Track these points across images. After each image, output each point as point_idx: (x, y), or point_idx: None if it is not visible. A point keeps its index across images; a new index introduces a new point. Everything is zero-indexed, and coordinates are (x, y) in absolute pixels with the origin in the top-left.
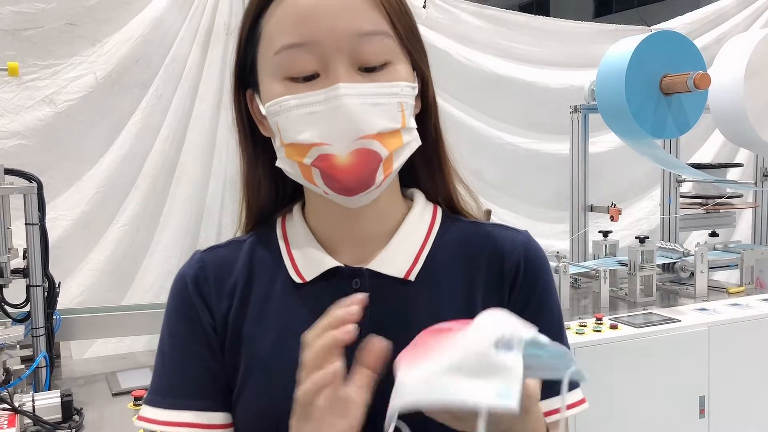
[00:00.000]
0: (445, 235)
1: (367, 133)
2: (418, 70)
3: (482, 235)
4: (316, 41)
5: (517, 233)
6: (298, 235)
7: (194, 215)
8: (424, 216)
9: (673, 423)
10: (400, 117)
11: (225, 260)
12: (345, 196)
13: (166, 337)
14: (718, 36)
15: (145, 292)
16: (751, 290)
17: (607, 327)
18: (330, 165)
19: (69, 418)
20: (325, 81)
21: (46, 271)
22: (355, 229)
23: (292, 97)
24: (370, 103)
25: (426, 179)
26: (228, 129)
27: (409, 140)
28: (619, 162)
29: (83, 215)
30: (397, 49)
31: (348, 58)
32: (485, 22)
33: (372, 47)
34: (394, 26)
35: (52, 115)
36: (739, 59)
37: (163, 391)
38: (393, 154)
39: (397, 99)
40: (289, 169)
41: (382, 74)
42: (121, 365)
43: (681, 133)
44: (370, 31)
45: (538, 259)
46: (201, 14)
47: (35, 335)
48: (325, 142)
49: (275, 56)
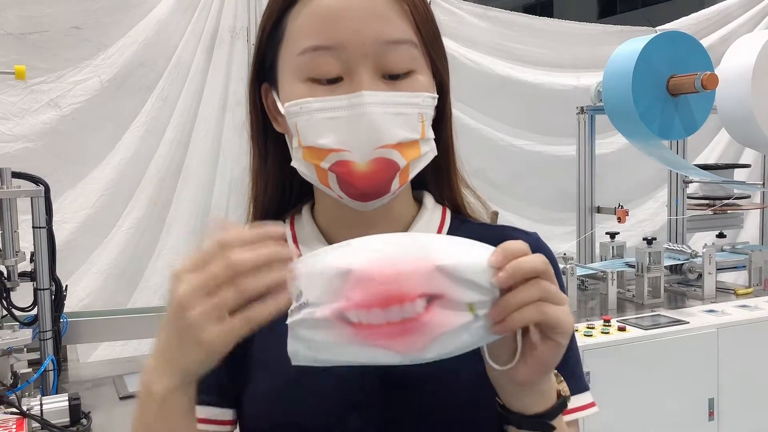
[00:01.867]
0: (455, 236)
1: (387, 142)
2: (437, 77)
3: (492, 236)
4: (342, 45)
5: (527, 235)
6: (307, 235)
7: (200, 218)
8: (433, 218)
9: (682, 425)
10: (420, 128)
11: None
12: (359, 202)
13: None
14: (723, 36)
15: (151, 295)
16: (759, 291)
17: (615, 329)
18: (348, 171)
19: (77, 421)
20: (348, 86)
21: (53, 274)
22: (365, 230)
23: (315, 100)
24: (392, 113)
25: (434, 183)
26: (233, 131)
27: (427, 150)
28: (623, 164)
29: (89, 218)
30: (421, 59)
31: (372, 65)
32: (489, 24)
33: (397, 56)
34: (420, 35)
35: (57, 118)
36: (747, 60)
37: None
38: (410, 164)
39: (418, 110)
40: (306, 171)
41: (404, 83)
42: (127, 368)
43: (688, 134)
44: (396, 40)
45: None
46: (206, 17)
47: (43, 338)
48: (345, 149)
49: (299, 57)
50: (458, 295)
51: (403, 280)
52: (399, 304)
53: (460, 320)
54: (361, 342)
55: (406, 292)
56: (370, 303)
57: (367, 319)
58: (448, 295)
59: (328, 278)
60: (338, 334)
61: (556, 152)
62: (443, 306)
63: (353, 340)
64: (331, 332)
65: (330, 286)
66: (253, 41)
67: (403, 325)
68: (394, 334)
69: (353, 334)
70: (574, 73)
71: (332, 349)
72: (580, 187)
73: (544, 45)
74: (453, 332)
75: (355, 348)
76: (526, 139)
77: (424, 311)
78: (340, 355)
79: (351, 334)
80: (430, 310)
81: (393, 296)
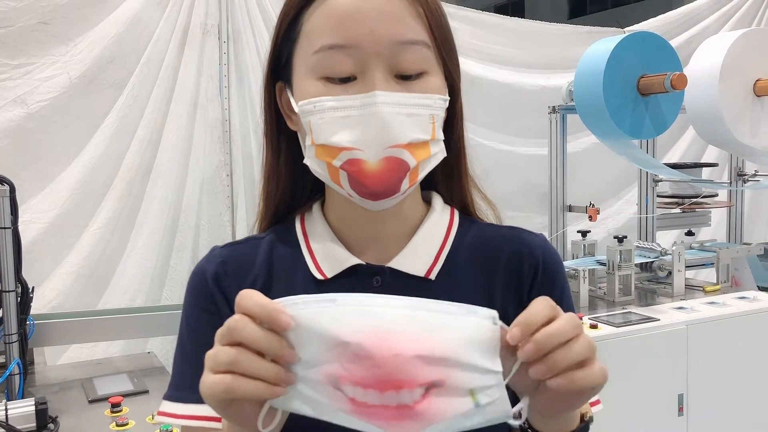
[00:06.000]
0: (464, 236)
1: (398, 142)
2: (449, 80)
3: (500, 237)
4: (357, 44)
5: (534, 236)
6: (318, 232)
7: (171, 217)
8: (442, 218)
9: (652, 421)
10: (431, 129)
11: (244, 256)
12: (369, 201)
13: (185, 331)
14: (689, 38)
15: (121, 296)
16: (726, 288)
17: (587, 327)
18: (358, 170)
19: (44, 426)
20: (361, 86)
21: (18, 275)
22: (375, 229)
23: (328, 99)
24: (404, 114)
25: (443, 184)
26: (204, 129)
27: (437, 152)
28: (589, 163)
29: (57, 218)
30: (434, 60)
31: (386, 65)
32: (460, 24)
33: (410, 56)
34: (434, 37)
35: (23, 115)
36: (714, 60)
37: (183, 385)
38: (420, 164)
39: (429, 111)
40: (318, 169)
41: (417, 84)
42: (97, 371)
43: (658, 133)
44: (410, 40)
45: (555, 262)
46: (177, 13)
47: (8, 342)
48: (357, 147)
49: (314, 55)
50: (459, 381)
51: (401, 364)
52: (396, 390)
53: (460, 408)
54: (355, 413)
55: (404, 380)
56: (366, 383)
57: (363, 397)
58: (448, 382)
59: (324, 342)
60: (333, 398)
61: (526, 152)
62: (442, 394)
63: (347, 409)
64: (325, 395)
65: (325, 349)
66: (224, 39)
67: (399, 410)
68: (389, 417)
69: (347, 405)
70: (544, 73)
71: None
72: (552, 185)
73: (514, 45)
74: (452, 420)
75: (348, 416)
76: (497, 139)
77: (421, 398)
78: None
79: (345, 405)
80: (427, 397)
81: (391, 381)
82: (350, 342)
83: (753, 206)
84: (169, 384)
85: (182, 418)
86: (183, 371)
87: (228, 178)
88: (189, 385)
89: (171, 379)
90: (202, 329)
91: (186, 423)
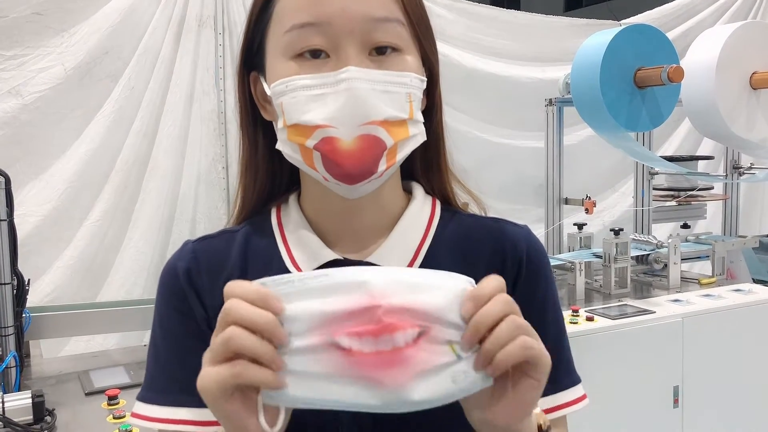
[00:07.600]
0: (445, 229)
1: (374, 118)
2: (428, 63)
3: (482, 229)
4: (328, 22)
5: (518, 228)
6: (294, 225)
7: (167, 210)
8: (423, 209)
9: (647, 413)
10: (408, 108)
11: (218, 252)
12: (345, 184)
13: (158, 330)
14: (685, 31)
15: (118, 289)
16: (722, 281)
17: (584, 319)
18: (333, 149)
19: (41, 419)
20: (334, 63)
21: (14, 268)
22: (353, 220)
23: (300, 77)
24: (379, 90)
25: (423, 175)
26: (201, 121)
27: (416, 133)
28: (585, 155)
29: (53, 211)
30: (409, 39)
31: (359, 42)
32: (457, 16)
33: (384, 33)
34: (408, 15)
35: (18, 107)
36: (711, 53)
37: (157, 387)
38: (398, 144)
39: (405, 89)
40: (290, 152)
41: (392, 61)
42: (93, 364)
43: (655, 126)
44: (382, 17)
45: (539, 254)
46: (173, 5)
47: (4, 334)
48: (331, 125)
49: (285, 35)
50: (440, 333)
51: (393, 313)
52: (390, 333)
53: (443, 358)
54: (348, 369)
55: (397, 324)
56: (361, 333)
57: (359, 346)
58: (432, 332)
59: (318, 310)
60: (326, 361)
61: (522, 144)
62: (429, 341)
63: (341, 367)
64: (318, 361)
65: (320, 315)
66: (220, 30)
67: (392, 354)
68: (382, 364)
69: (341, 361)
70: (539, 66)
71: (317, 387)
72: (548, 178)
73: (510, 37)
74: (435, 371)
75: (338, 384)
76: (492, 132)
77: (413, 342)
78: (325, 392)
79: (339, 362)
80: (417, 343)
81: (386, 326)
82: (345, 306)
83: (748, 199)
84: (143, 384)
85: (158, 421)
86: (156, 373)
87: (224, 171)
88: (163, 387)
89: (145, 380)
90: (175, 329)
91: (162, 426)
